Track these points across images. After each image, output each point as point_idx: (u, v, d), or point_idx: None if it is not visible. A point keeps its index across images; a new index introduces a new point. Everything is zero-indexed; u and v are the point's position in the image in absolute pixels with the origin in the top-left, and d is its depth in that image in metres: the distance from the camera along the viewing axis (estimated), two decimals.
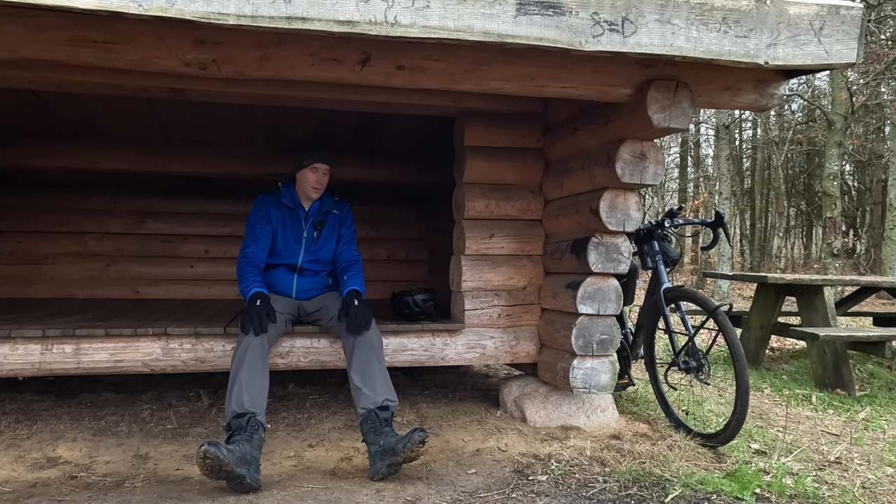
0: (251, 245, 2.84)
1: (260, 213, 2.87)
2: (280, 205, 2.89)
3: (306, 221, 2.92)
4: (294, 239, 2.91)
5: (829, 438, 3.01)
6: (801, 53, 2.05)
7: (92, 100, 3.23)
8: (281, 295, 2.87)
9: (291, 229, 2.90)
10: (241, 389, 2.28)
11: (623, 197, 2.61)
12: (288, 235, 2.90)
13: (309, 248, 2.93)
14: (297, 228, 2.91)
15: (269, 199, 2.90)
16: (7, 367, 2.52)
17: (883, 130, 14.05)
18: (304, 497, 2.10)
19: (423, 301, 3.05)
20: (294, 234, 2.90)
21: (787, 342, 5.70)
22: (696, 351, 2.77)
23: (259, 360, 2.38)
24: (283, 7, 1.71)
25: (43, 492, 2.11)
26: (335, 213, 2.99)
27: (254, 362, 2.36)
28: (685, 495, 2.17)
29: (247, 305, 2.57)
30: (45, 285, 4.59)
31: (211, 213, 4.89)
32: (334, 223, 2.99)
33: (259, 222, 2.86)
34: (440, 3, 1.78)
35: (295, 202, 2.89)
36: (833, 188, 9.58)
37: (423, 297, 3.06)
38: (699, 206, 15.56)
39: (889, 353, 4.66)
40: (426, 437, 2.21)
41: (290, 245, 2.90)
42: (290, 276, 2.93)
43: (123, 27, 1.91)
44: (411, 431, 2.21)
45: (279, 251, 2.91)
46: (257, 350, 2.40)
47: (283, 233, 2.90)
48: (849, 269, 13.83)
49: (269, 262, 2.91)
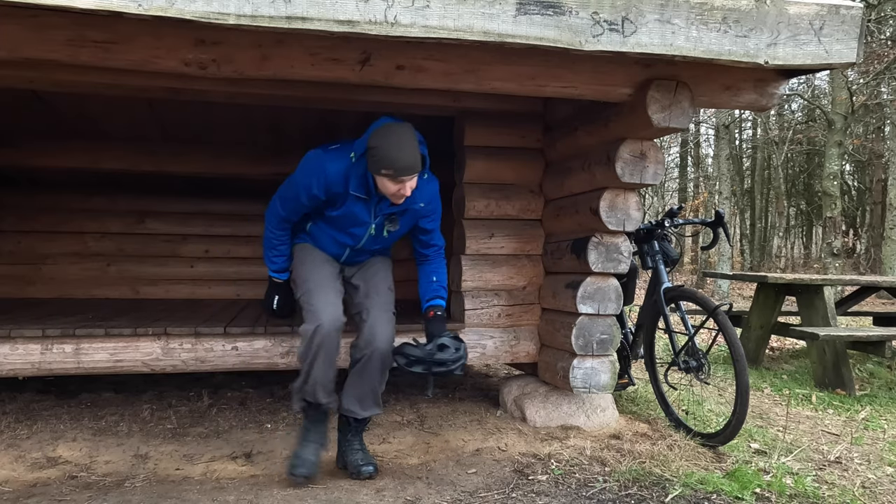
0: (289, 213, 2.35)
1: (313, 186, 2.21)
2: (346, 187, 2.22)
3: (376, 215, 2.30)
4: (356, 225, 2.32)
5: (829, 438, 3.01)
6: (801, 53, 2.05)
7: (92, 100, 3.23)
8: (322, 252, 2.45)
9: (355, 216, 2.29)
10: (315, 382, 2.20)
11: (623, 197, 2.61)
12: (347, 220, 2.30)
13: (373, 240, 2.40)
14: (363, 216, 2.30)
15: (330, 174, 2.18)
16: (7, 366, 2.52)
17: (883, 130, 14.05)
18: (304, 497, 2.10)
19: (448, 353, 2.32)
20: (358, 219, 2.30)
21: (787, 342, 5.70)
22: (696, 351, 2.77)
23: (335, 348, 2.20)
24: (283, 7, 1.71)
25: (43, 492, 2.11)
26: (414, 208, 2.32)
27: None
28: (685, 495, 2.17)
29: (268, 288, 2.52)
30: (45, 285, 4.58)
31: (211, 212, 4.89)
32: (413, 217, 2.37)
33: (307, 194, 2.25)
34: (440, 3, 1.78)
35: (369, 192, 2.22)
36: (833, 188, 9.58)
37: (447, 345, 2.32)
38: (699, 205, 15.55)
39: (889, 352, 4.66)
40: (374, 475, 2.25)
41: (348, 229, 2.34)
42: (341, 248, 2.42)
43: (123, 27, 1.91)
44: (366, 464, 2.25)
45: (334, 229, 2.35)
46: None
47: (342, 217, 2.29)
48: (849, 269, 13.83)
49: (320, 223, 2.39)
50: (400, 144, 2.05)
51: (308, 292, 2.25)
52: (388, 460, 2.47)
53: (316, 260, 2.39)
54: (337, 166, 2.18)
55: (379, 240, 2.39)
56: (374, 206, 2.28)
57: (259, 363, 2.74)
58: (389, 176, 2.06)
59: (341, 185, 2.21)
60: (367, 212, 2.29)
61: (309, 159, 2.23)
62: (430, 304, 2.43)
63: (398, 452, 2.57)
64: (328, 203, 2.26)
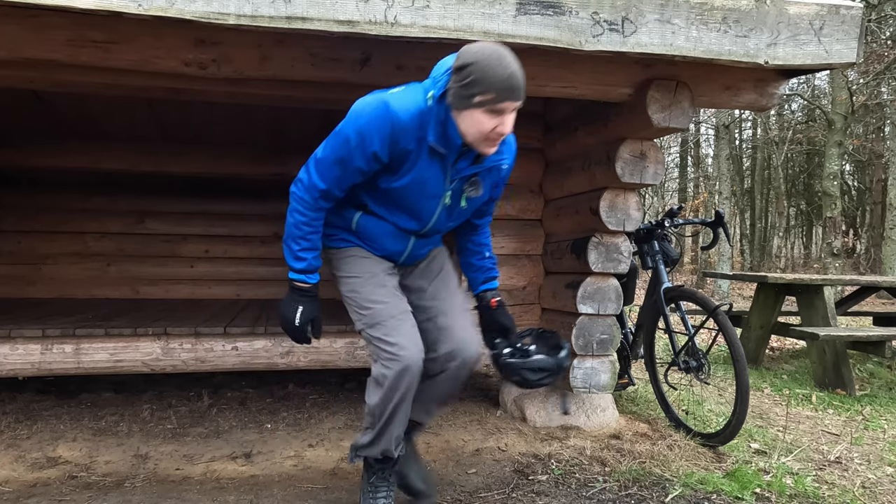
0: (332, 185, 1.67)
1: (373, 141, 1.57)
2: (420, 141, 1.61)
3: (452, 179, 1.70)
4: (425, 197, 1.71)
5: (829, 438, 3.00)
6: (801, 53, 2.05)
7: (92, 100, 3.23)
8: (377, 255, 1.85)
9: (424, 184, 1.68)
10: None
11: (623, 196, 2.61)
12: (414, 192, 1.69)
13: (447, 215, 1.79)
14: (436, 185, 1.70)
15: (400, 123, 1.56)
16: (7, 366, 2.52)
17: (883, 130, 14.05)
18: (304, 497, 2.10)
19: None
20: (428, 188, 1.70)
21: (787, 342, 5.70)
22: (696, 351, 2.77)
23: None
24: (283, 7, 1.71)
25: (43, 492, 2.11)
26: (501, 167, 1.80)
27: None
28: (685, 495, 2.17)
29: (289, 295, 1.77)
30: (45, 285, 4.59)
31: (211, 212, 4.89)
32: (493, 182, 1.83)
33: (363, 156, 1.60)
34: (440, 3, 1.78)
35: (448, 144, 1.61)
36: (833, 188, 9.58)
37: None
38: (699, 205, 15.55)
39: (889, 352, 4.66)
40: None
41: (416, 206, 1.73)
42: (403, 239, 1.83)
43: (123, 27, 1.91)
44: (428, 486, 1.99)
45: (394, 209, 1.75)
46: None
47: (408, 188, 1.68)
48: (849, 269, 13.83)
49: (371, 208, 1.78)
50: (501, 59, 1.49)
51: (379, 324, 1.72)
52: None
53: (376, 273, 1.81)
54: (409, 112, 1.56)
55: (454, 214, 1.80)
56: (450, 167, 1.68)
57: (259, 363, 2.74)
58: (488, 103, 1.49)
59: (413, 138, 1.60)
60: (442, 175, 1.68)
61: (366, 107, 1.56)
62: (489, 288, 1.99)
63: None
64: (388, 169, 1.65)
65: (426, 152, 1.63)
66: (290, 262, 1.76)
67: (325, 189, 1.68)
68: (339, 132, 1.63)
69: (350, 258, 1.84)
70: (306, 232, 1.73)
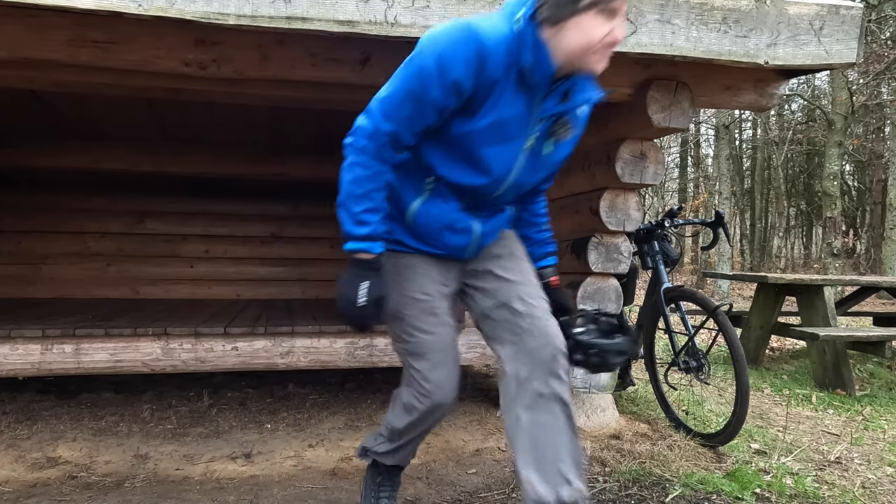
0: (401, 126, 1.38)
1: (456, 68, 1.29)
2: (508, 69, 1.34)
3: (540, 119, 1.43)
4: (507, 142, 1.42)
5: (829, 438, 3.00)
6: (801, 53, 2.05)
7: (92, 100, 3.23)
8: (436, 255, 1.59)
9: (505, 126, 1.40)
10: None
11: (623, 197, 2.61)
12: (496, 136, 1.40)
13: (530, 167, 1.50)
14: (520, 127, 1.41)
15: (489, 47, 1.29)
16: (7, 367, 2.52)
17: (883, 130, 14.05)
18: (304, 497, 2.10)
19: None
20: (512, 133, 1.41)
21: (787, 342, 5.70)
22: (696, 351, 2.77)
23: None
24: (283, 7, 1.71)
25: (43, 492, 2.11)
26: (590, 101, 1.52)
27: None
28: (685, 495, 2.17)
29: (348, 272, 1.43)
30: (45, 285, 4.59)
31: (211, 212, 4.89)
32: (581, 126, 1.58)
33: (442, 87, 1.32)
34: (440, 3, 1.79)
35: (541, 72, 1.34)
36: (833, 188, 9.58)
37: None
38: (699, 206, 15.57)
39: (889, 353, 4.66)
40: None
41: (494, 155, 1.43)
42: (466, 231, 1.55)
43: (123, 27, 1.91)
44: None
45: (466, 166, 1.45)
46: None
47: (491, 130, 1.39)
48: (849, 269, 13.83)
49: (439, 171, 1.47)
50: None
51: (421, 356, 1.54)
52: None
53: (430, 296, 1.57)
54: (497, 33, 1.31)
55: (538, 165, 1.51)
56: (538, 105, 1.40)
57: (259, 363, 2.74)
58: (601, 2, 1.27)
59: (501, 65, 1.32)
60: (527, 114, 1.40)
61: (445, 30, 1.30)
62: (548, 265, 1.79)
63: None
64: (466, 108, 1.37)
65: (513, 84, 1.37)
66: (349, 230, 1.42)
67: (392, 132, 1.39)
68: (410, 62, 1.35)
69: (404, 270, 1.58)
70: (369, 189, 1.41)
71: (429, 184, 1.50)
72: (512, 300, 1.56)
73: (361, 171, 1.40)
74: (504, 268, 1.62)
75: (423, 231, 1.55)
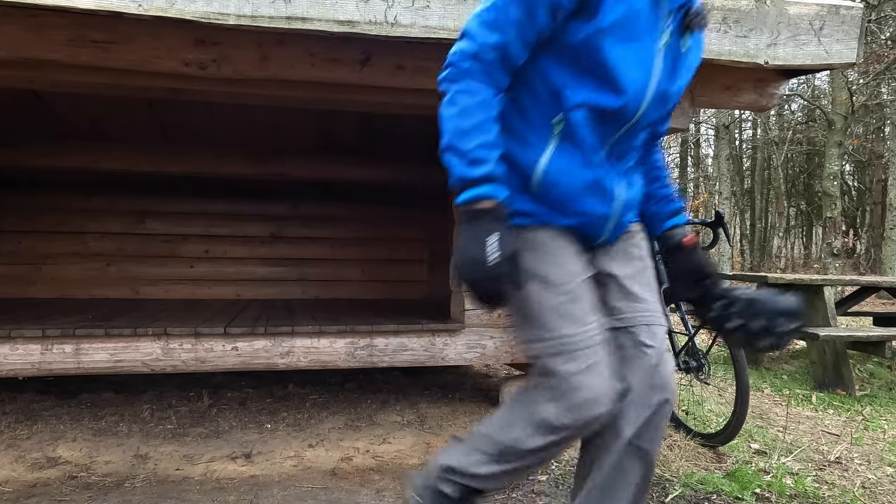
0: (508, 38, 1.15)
1: None
2: None
3: (669, 11, 1.20)
4: (639, 41, 1.18)
5: (829, 438, 3.00)
6: (801, 53, 2.05)
7: (92, 100, 3.23)
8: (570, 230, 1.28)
9: (638, 21, 1.16)
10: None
11: None
12: (624, 35, 1.16)
13: (670, 70, 1.24)
14: (650, 20, 1.18)
15: None
16: (7, 367, 2.52)
17: (883, 130, 14.06)
18: (304, 497, 2.10)
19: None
20: (643, 28, 1.18)
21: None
22: (696, 351, 2.77)
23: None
24: (283, 7, 1.71)
25: (43, 492, 2.11)
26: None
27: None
28: (685, 495, 2.17)
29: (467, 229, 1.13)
30: (45, 285, 4.59)
31: (211, 212, 4.89)
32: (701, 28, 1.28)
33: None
34: (440, 3, 1.79)
35: None
36: (833, 188, 9.58)
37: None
38: (699, 206, 15.57)
39: (889, 353, 4.66)
40: None
41: (626, 61, 1.17)
42: (610, 178, 1.27)
43: (123, 27, 1.91)
44: None
45: (593, 76, 1.18)
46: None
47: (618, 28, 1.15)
48: (849, 269, 13.83)
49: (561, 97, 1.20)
50: None
51: (568, 355, 1.20)
52: (388, 461, 2.47)
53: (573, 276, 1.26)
54: None
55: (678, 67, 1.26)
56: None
57: (259, 363, 2.74)
58: None
59: None
60: (655, 8, 1.18)
61: None
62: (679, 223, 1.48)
63: (398, 453, 2.56)
64: (583, 8, 1.14)
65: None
66: (462, 173, 1.13)
67: (500, 43, 1.15)
68: None
69: (534, 250, 1.25)
70: (481, 120, 1.14)
71: (557, 124, 1.21)
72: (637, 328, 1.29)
73: (468, 98, 1.14)
74: (629, 276, 1.34)
75: (558, 194, 1.23)
